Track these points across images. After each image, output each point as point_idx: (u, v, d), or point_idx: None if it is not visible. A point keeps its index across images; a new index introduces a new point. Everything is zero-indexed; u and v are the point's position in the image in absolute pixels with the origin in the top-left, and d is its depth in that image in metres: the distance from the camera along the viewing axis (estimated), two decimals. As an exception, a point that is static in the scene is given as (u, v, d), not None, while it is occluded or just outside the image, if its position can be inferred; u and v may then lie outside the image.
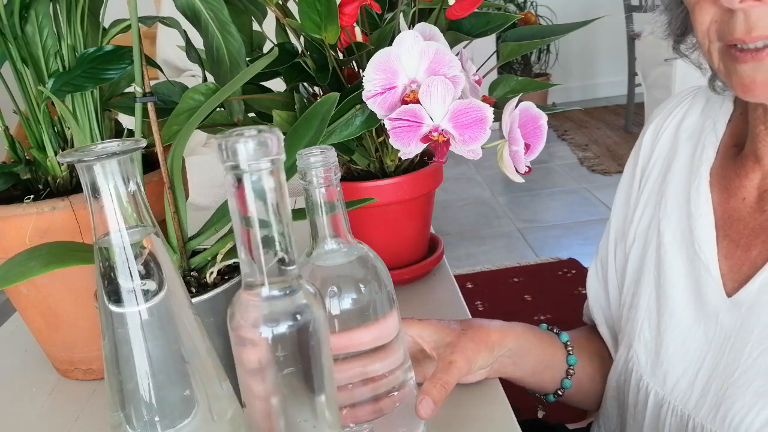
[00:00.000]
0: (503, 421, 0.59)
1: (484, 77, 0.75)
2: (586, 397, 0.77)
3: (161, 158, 0.62)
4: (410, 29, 0.68)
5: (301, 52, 0.73)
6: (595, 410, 0.81)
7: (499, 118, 0.68)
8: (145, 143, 0.43)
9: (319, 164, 0.46)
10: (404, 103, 0.64)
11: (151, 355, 0.44)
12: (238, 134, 0.37)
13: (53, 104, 0.63)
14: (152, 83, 0.64)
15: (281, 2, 0.72)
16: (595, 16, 0.83)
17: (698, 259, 0.64)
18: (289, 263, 0.40)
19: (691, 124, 0.70)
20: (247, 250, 0.40)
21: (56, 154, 0.66)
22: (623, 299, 0.74)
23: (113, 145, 0.42)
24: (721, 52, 0.56)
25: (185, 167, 0.67)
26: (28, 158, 0.68)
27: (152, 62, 0.70)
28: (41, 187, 0.67)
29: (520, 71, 4.79)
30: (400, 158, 0.76)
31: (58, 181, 0.67)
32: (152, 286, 0.44)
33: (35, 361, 0.75)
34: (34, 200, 0.63)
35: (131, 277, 0.43)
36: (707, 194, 0.65)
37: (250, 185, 0.38)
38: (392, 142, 0.65)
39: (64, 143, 0.67)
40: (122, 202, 0.42)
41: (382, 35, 0.72)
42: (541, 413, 0.81)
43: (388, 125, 0.64)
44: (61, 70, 0.64)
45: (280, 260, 0.40)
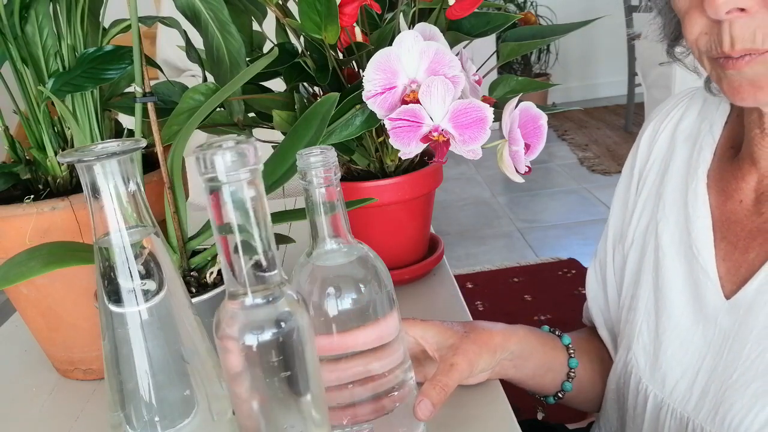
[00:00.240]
0: (503, 421, 0.59)
1: (484, 77, 0.75)
2: (586, 399, 0.77)
3: (161, 158, 0.62)
4: (410, 29, 0.68)
5: (301, 52, 0.73)
6: (595, 412, 0.81)
7: (499, 118, 0.68)
8: (145, 143, 0.43)
9: (319, 164, 0.46)
10: (404, 103, 0.64)
11: (151, 355, 0.44)
12: (216, 146, 0.37)
13: (53, 104, 0.63)
14: (152, 83, 0.64)
15: (281, 2, 0.72)
16: (595, 16, 0.83)
17: (696, 261, 0.64)
18: (270, 271, 0.40)
19: (688, 126, 0.70)
20: (227, 260, 0.40)
21: (56, 154, 0.66)
22: (622, 301, 0.74)
23: (113, 145, 0.42)
24: (710, 60, 0.57)
25: (185, 167, 0.67)
26: (28, 158, 0.68)
27: (152, 62, 0.70)
28: (41, 187, 0.67)
29: (520, 71, 4.79)
30: (400, 158, 0.76)
31: (58, 181, 0.67)
32: (152, 286, 0.44)
33: (35, 361, 0.75)
34: (34, 200, 0.63)
35: (131, 277, 0.43)
36: (705, 196, 0.65)
37: (229, 196, 0.38)
38: (392, 142, 0.65)
39: (64, 143, 0.67)
40: (122, 202, 0.42)
41: (382, 35, 0.72)
42: (540, 415, 0.81)
43: (388, 125, 0.64)
44: (61, 70, 0.64)
45: (261, 269, 0.40)
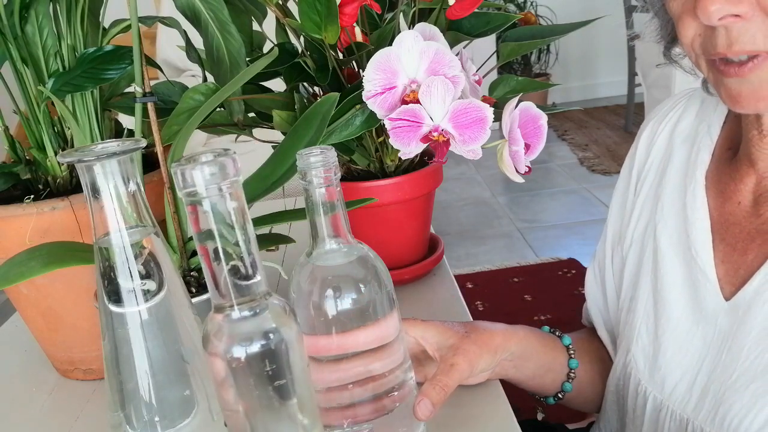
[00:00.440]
0: (503, 421, 0.59)
1: (484, 77, 0.75)
2: (586, 400, 0.77)
3: (161, 158, 0.62)
4: (410, 29, 0.68)
5: (301, 52, 0.73)
6: (595, 413, 0.81)
7: (499, 118, 0.68)
8: (145, 143, 0.43)
9: (319, 164, 0.46)
10: (404, 103, 0.64)
11: (151, 355, 0.44)
12: (194, 161, 0.37)
13: (53, 104, 0.63)
14: (152, 83, 0.64)
15: (281, 2, 0.72)
16: (595, 16, 0.83)
17: (695, 263, 0.63)
18: (256, 283, 0.40)
19: (686, 127, 0.70)
20: (211, 273, 0.40)
21: (56, 154, 0.66)
22: (621, 303, 0.74)
23: (113, 145, 0.42)
24: (707, 64, 0.56)
25: (185, 167, 0.67)
26: (28, 158, 0.68)
27: (152, 62, 0.70)
28: (41, 187, 0.67)
29: (520, 71, 4.78)
30: (400, 158, 0.76)
31: (58, 181, 0.67)
32: (152, 286, 0.44)
33: (35, 361, 0.75)
34: (34, 200, 0.63)
35: (131, 277, 0.43)
36: (703, 198, 0.65)
37: (210, 211, 0.38)
38: (392, 142, 0.65)
39: (64, 143, 0.67)
40: (122, 202, 0.42)
41: (382, 35, 0.72)
42: (540, 416, 0.81)
43: (388, 125, 0.64)
44: (61, 70, 0.64)
45: (246, 281, 0.40)
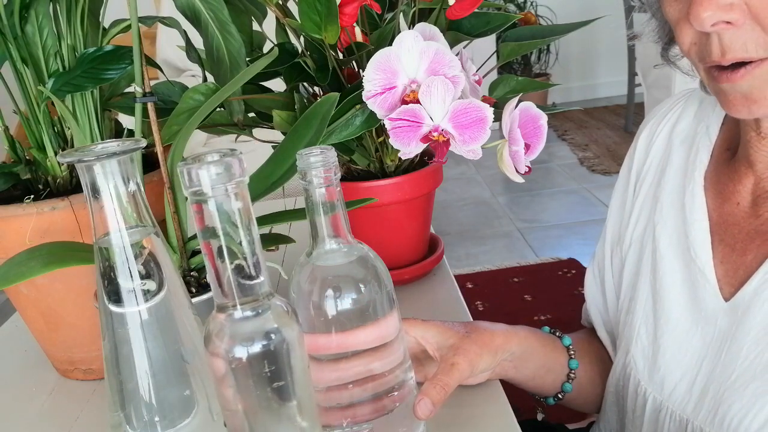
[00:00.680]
0: (503, 421, 0.59)
1: (484, 77, 0.75)
2: (586, 400, 0.77)
3: (161, 158, 0.62)
4: (410, 29, 0.68)
5: (301, 52, 0.73)
6: (594, 413, 0.81)
7: (499, 118, 0.68)
8: (145, 143, 0.43)
9: (319, 164, 0.46)
10: (404, 103, 0.64)
11: (151, 355, 0.44)
12: (200, 161, 0.37)
13: (53, 104, 0.63)
14: (152, 83, 0.64)
15: (281, 2, 0.72)
16: (595, 16, 0.83)
17: (694, 264, 0.64)
18: (259, 283, 0.40)
19: (684, 128, 0.70)
20: (214, 272, 0.40)
21: (56, 154, 0.66)
22: (620, 304, 0.74)
23: (113, 145, 0.42)
24: (704, 71, 0.57)
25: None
26: (28, 158, 0.68)
27: (152, 62, 0.70)
28: (41, 187, 0.67)
29: (520, 71, 4.78)
30: (400, 158, 0.76)
31: (58, 181, 0.67)
32: (152, 286, 0.44)
33: (35, 361, 0.75)
34: (34, 200, 0.63)
35: (131, 277, 0.43)
36: (702, 199, 0.65)
37: (215, 211, 0.38)
38: (392, 142, 0.65)
39: (64, 143, 0.67)
40: (122, 202, 0.42)
41: (382, 35, 0.72)
42: (540, 416, 0.81)
43: (388, 125, 0.64)
44: (61, 70, 0.64)
45: (249, 281, 0.40)
